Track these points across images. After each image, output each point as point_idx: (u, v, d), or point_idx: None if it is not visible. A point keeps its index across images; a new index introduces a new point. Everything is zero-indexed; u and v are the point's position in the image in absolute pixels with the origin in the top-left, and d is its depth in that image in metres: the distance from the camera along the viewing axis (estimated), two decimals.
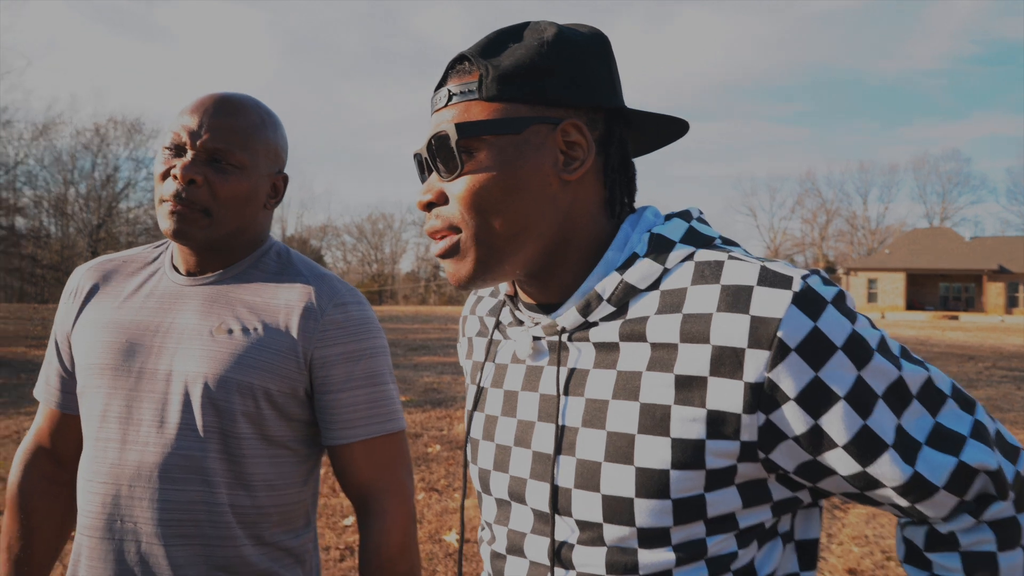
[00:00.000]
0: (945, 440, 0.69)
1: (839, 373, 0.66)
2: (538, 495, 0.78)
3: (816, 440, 0.68)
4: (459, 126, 0.75)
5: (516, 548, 0.81)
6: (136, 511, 1.14)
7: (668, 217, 0.81)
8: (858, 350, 0.67)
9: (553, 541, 0.75)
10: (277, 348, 1.17)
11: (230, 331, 1.18)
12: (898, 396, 0.68)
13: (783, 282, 0.67)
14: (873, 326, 0.71)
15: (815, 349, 0.66)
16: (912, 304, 42.83)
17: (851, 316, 0.68)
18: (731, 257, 0.72)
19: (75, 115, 52.65)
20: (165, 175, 1.18)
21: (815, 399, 0.66)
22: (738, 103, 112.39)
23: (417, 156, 0.83)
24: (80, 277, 1.33)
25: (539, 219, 0.77)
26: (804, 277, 0.68)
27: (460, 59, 0.79)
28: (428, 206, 0.80)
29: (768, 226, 65.42)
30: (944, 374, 0.73)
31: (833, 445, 0.67)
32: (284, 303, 1.21)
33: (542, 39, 0.77)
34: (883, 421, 0.67)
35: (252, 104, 1.24)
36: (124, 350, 1.20)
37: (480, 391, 0.90)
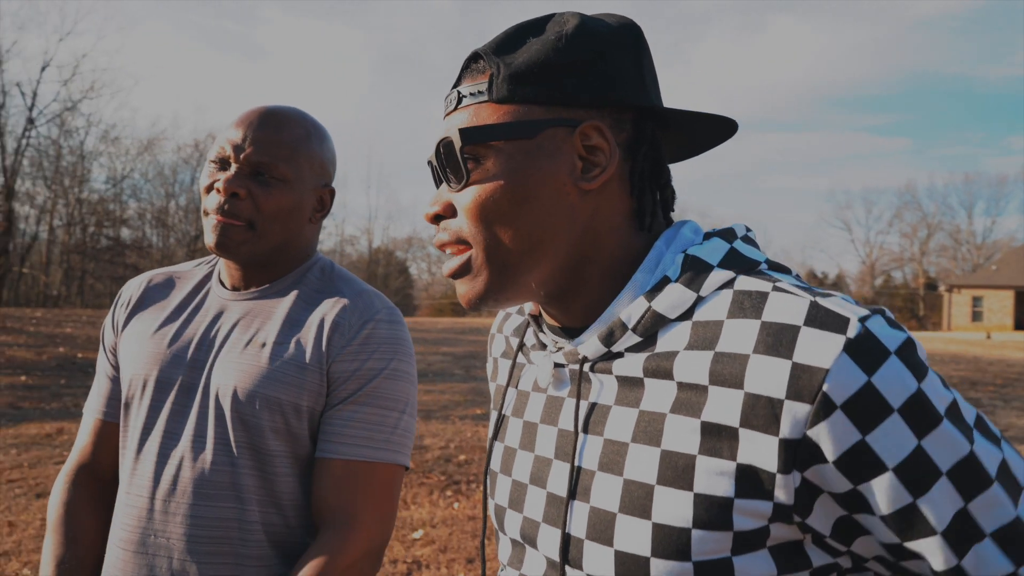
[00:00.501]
0: (1015, 541, 0.58)
1: (892, 440, 0.56)
2: (550, 542, 0.71)
3: (853, 501, 0.59)
4: (463, 131, 0.69)
5: None
6: (170, 527, 1.12)
7: (708, 235, 0.71)
8: (921, 414, 0.56)
9: None
10: (305, 363, 1.15)
11: (263, 345, 1.17)
12: (969, 475, 0.57)
13: (836, 324, 0.58)
14: (945, 385, 0.60)
15: (866, 408, 0.56)
16: (1021, 324, 40.24)
17: (918, 371, 0.57)
18: (777, 288, 0.63)
19: (177, 131, 55.45)
20: (209, 188, 1.18)
21: (857, 465, 0.57)
22: (832, 113, 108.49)
23: (430, 163, 0.76)
24: (130, 289, 1.33)
25: (555, 233, 0.69)
26: (863, 319, 0.58)
27: (474, 57, 0.72)
28: (436, 218, 0.74)
29: (864, 240, 62.89)
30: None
31: (870, 512, 0.59)
32: (318, 318, 1.19)
33: (560, 32, 0.69)
34: (941, 503, 0.57)
35: (298, 117, 1.22)
36: (167, 362, 1.19)
37: (501, 419, 0.83)
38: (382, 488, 1.16)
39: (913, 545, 0.59)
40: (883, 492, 0.57)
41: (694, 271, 0.67)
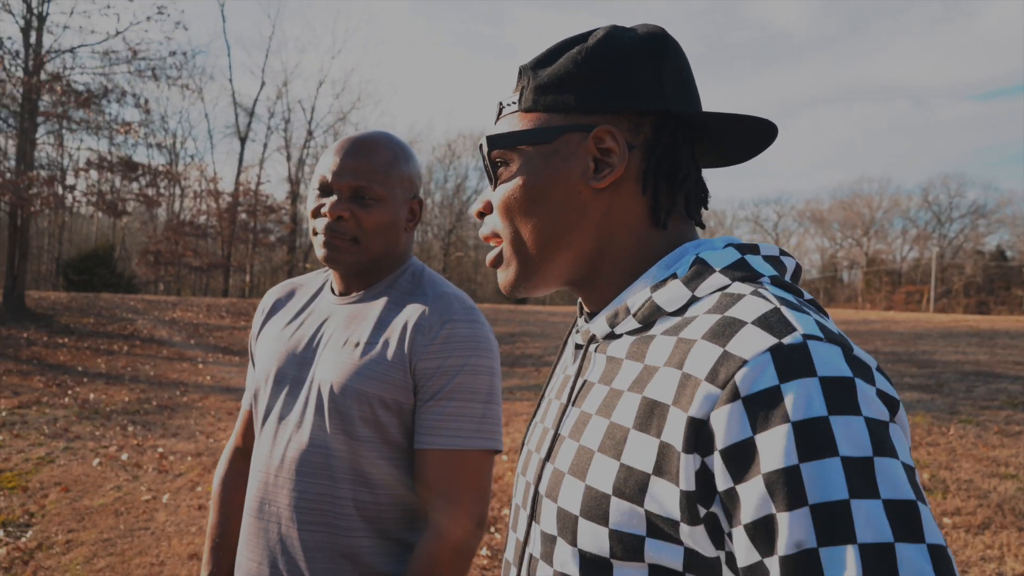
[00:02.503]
0: None
1: (776, 448, 0.54)
2: (529, 499, 0.77)
3: (730, 506, 0.57)
4: (489, 138, 0.77)
5: (517, 557, 0.78)
6: (279, 497, 1.30)
7: (729, 245, 0.73)
8: (814, 439, 0.53)
9: (524, 551, 0.76)
10: (391, 360, 1.28)
11: (357, 344, 1.31)
12: (834, 521, 0.52)
13: (779, 328, 0.59)
14: (877, 434, 0.54)
15: (765, 409, 0.55)
16: None
17: (837, 405, 0.54)
18: (756, 292, 0.64)
19: (431, 133, 59.11)
20: (316, 212, 1.35)
21: (740, 461, 0.56)
22: None
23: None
24: (267, 299, 1.56)
25: (568, 229, 0.75)
26: (810, 336, 0.58)
27: (519, 71, 0.78)
28: (481, 215, 0.82)
29: None
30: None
31: (738, 521, 0.56)
32: (403, 320, 1.31)
33: (584, 46, 0.74)
34: (796, 529, 0.53)
35: (385, 141, 1.37)
36: (286, 359, 1.38)
37: (541, 400, 0.90)
38: (476, 471, 1.28)
39: (756, 565, 0.55)
40: (752, 496, 0.55)
41: (697, 271, 0.69)
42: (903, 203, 48.23)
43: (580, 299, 0.84)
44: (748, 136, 0.78)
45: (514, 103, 0.78)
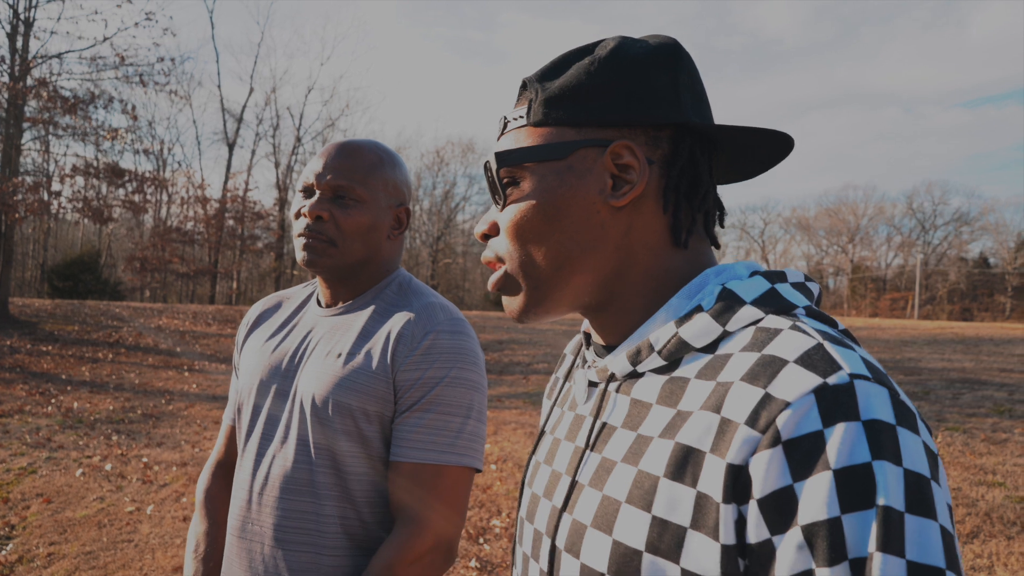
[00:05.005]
0: None
1: (814, 497, 0.51)
2: (543, 554, 0.72)
3: (763, 559, 0.54)
4: (499, 155, 0.73)
5: None
6: (262, 516, 1.26)
7: (755, 274, 0.70)
8: (856, 489, 0.51)
9: None
10: (373, 371, 1.25)
11: (339, 355, 1.28)
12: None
13: (823, 367, 0.55)
14: (918, 489, 0.51)
15: (806, 455, 0.52)
16: None
17: (883, 452, 0.51)
18: (795, 326, 0.60)
19: (420, 139, 59.00)
20: (298, 214, 1.32)
21: (778, 510, 0.53)
22: None
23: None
24: (251, 312, 1.52)
25: (585, 249, 0.71)
26: (857, 376, 0.54)
27: (523, 84, 0.75)
28: (485, 236, 0.78)
29: None
30: None
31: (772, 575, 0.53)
32: (388, 329, 1.28)
33: (595, 56, 0.71)
34: None
35: (370, 146, 1.35)
36: (269, 373, 1.34)
37: (541, 435, 0.85)
38: (449, 489, 1.21)
39: None
40: (789, 548, 0.52)
41: (726, 304, 0.65)
42: (888, 210, 48.72)
43: (590, 327, 0.79)
44: (762, 150, 0.74)
45: (521, 117, 0.73)
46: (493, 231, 0.76)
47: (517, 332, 16.66)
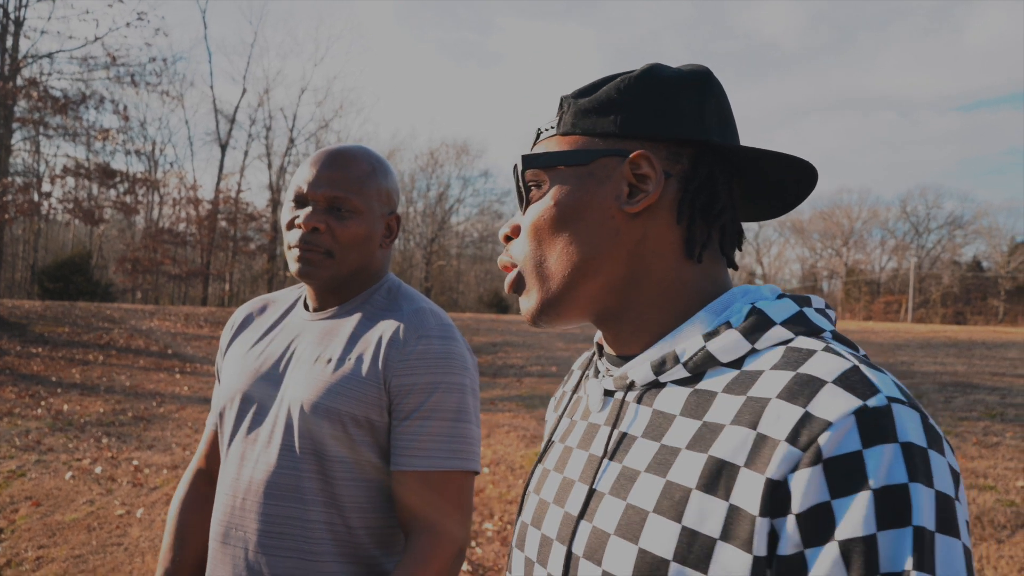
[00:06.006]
0: None
1: (854, 514, 0.54)
2: (556, 560, 0.72)
3: (794, 571, 0.55)
4: (525, 157, 0.76)
5: None
6: (246, 522, 1.25)
7: (782, 296, 0.71)
8: (893, 507, 0.53)
9: None
10: (364, 377, 1.25)
11: (329, 361, 1.27)
12: None
13: (862, 389, 0.57)
14: (946, 510, 0.55)
15: (846, 474, 0.54)
16: None
17: (916, 473, 0.54)
18: (828, 348, 0.63)
19: (414, 141, 58.93)
20: (291, 225, 1.32)
21: (814, 525, 0.55)
22: None
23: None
24: (235, 317, 1.50)
25: (599, 253, 0.73)
26: (894, 400, 0.57)
27: (560, 101, 0.78)
28: (508, 239, 0.80)
29: None
30: None
31: None
32: (376, 336, 1.28)
33: (627, 76, 0.74)
34: None
35: (363, 154, 1.35)
36: (253, 378, 1.33)
37: (548, 445, 0.86)
38: (457, 493, 1.24)
39: None
40: (825, 562, 0.54)
41: (756, 323, 0.67)
42: (882, 214, 48.87)
43: (603, 339, 0.80)
44: (786, 181, 0.76)
45: (552, 128, 0.77)
46: (515, 233, 0.79)
47: (511, 335, 16.65)
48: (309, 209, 1.28)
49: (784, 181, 0.76)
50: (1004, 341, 15.33)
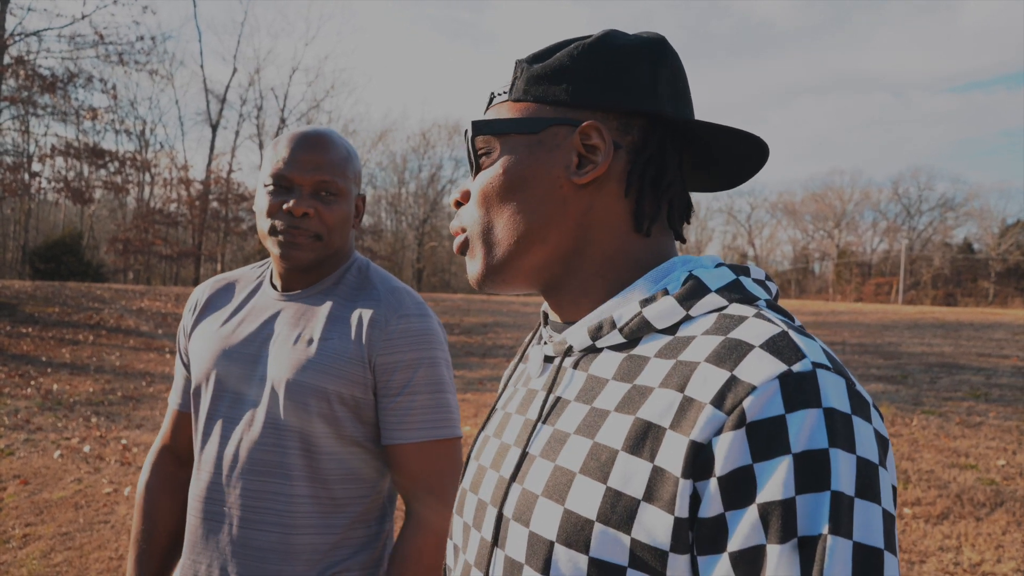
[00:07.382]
0: None
1: (773, 478, 0.54)
2: (488, 523, 0.73)
3: (714, 532, 0.56)
4: (475, 123, 0.76)
5: None
6: (229, 499, 1.28)
7: (720, 265, 0.72)
8: (812, 472, 0.54)
9: None
10: (348, 356, 1.28)
11: (310, 340, 1.30)
12: (813, 554, 0.53)
13: (788, 354, 0.58)
14: (867, 475, 0.55)
15: (767, 438, 0.55)
16: None
17: (839, 439, 0.55)
18: (759, 315, 0.63)
19: (406, 122, 58.56)
20: (275, 209, 1.31)
21: (736, 488, 0.55)
22: None
23: None
24: (196, 295, 1.50)
25: (545, 222, 0.73)
26: (819, 366, 0.57)
27: (515, 64, 0.77)
28: (458, 204, 0.80)
29: None
30: None
31: (723, 548, 0.56)
32: (358, 314, 1.32)
33: (581, 43, 0.73)
34: (783, 563, 0.53)
35: (337, 137, 1.37)
36: (228, 358, 1.34)
37: (492, 412, 0.87)
38: (452, 459, 1.32)
39: None
40: (744, 524, 0.55)
41: (691, 290, 0.67)
42: (874, 196, 48.99)
43: (547, 307, 0.81)
44: (737, 156, 0.76)
45: (505, 93, 0.76)
46: (465, 199, 0.79)
47: (502, 315, 16.68)
48: (297, 194, 1.30)
49: (736, 155, 0.76)
50: (992, 322, 15.44)
